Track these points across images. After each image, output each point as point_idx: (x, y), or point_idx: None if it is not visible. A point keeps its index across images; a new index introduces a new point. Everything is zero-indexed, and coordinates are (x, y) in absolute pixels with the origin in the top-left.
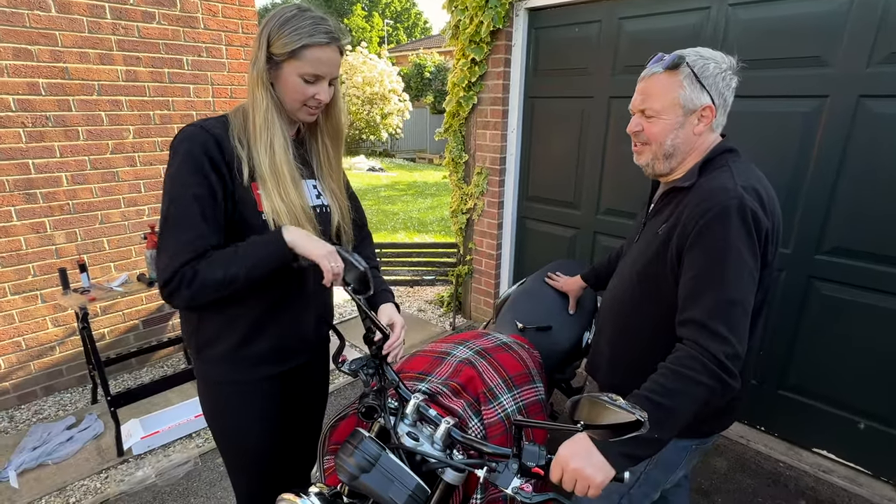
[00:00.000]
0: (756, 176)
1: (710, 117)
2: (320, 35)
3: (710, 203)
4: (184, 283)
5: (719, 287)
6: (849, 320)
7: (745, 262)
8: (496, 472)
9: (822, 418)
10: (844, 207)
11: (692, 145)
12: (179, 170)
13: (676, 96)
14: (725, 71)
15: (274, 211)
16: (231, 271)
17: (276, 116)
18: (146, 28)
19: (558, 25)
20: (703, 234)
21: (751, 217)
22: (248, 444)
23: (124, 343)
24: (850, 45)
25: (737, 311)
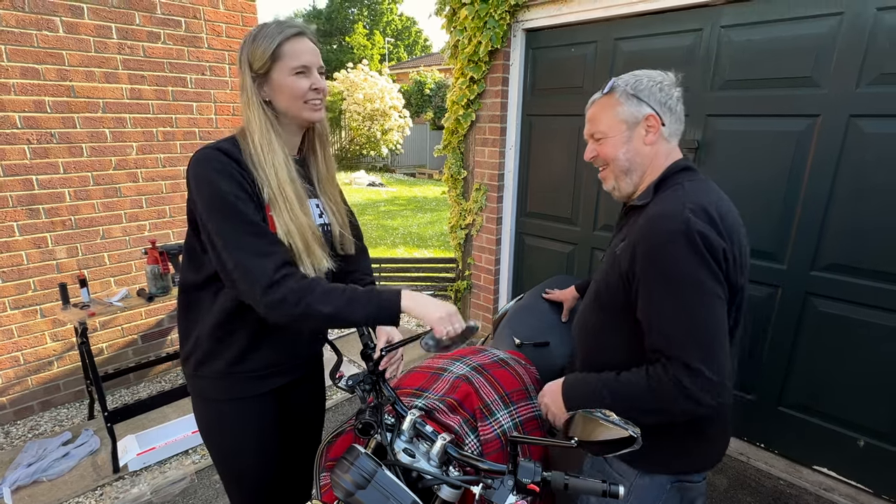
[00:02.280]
0: (710, 195)
1: (655, 126)
2: (289, 28)
3: (657, 228)
4: (291, 299)
5: (680, 317)
6: (847, 337)
7: (703, 286)
8: (492, 489)
9: (821, 435)
10: (839, 224)
11: (647, 158)
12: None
13: (616, 114)
14: (660, 83)
15: (287, 233)
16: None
17: (273, 136)
18: (151, 48)
19: (555, 46)
20: (652, 263)
21: (700, 240)
22: (243, 460)
23: (123, 358)
24: (839, 66)
25: (705, 336)
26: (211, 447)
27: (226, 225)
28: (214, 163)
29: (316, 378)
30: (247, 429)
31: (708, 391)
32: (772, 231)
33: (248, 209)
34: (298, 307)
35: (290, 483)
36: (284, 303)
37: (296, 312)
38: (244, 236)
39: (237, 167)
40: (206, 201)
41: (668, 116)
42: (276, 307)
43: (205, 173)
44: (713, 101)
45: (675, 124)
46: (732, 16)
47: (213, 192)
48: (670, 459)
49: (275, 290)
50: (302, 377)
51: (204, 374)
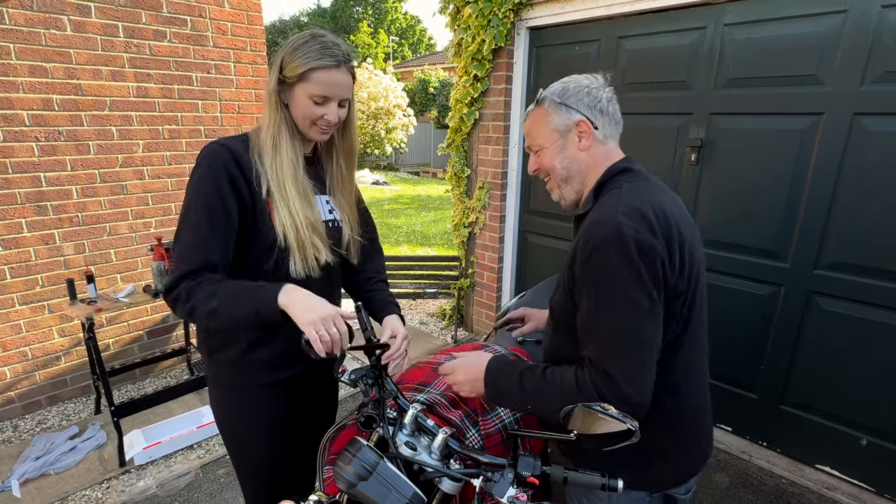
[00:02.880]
0: (647, 194)
1: (588, 131)
2: (327, 59)
3: (590, 235)
4: (181, 299)
5: (606, 324)
6: (850, 335)
7: (631, 297)
8: (492, 482)
9: (824, 434)
10: (843, 222)
11: (584, 163)
12: (198, 183)
13: (548, 124)
14: (587, 87)
15: (283, 225)
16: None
17: (284, 134)
18: (157, 46)
19: (559, 44)
20: (588, 269)
21: (632, 244)
22: (256, 447)
23: (129, 354)
24: (844, 63)
25: (625, 349)
26: (224, 433)
27: (184, 220)
28: (212, 158)
29: (327, 369)
30: (259, 416)
31: (619, 400)
32: (775, 229)
33: (210, 212)
34: (186, 305)
35: (301, 474)
36: (177, 301)
37: (185, 310)
38: (187, 237)
39: (235, 164)
40: (187, 191)
41: (599, 119)
42: (172, 306)
43: (198, 167)
44: (717, 100)
45: (610, 126)
46: (736, 14)
47: (189, 189)
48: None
49: (170, 292)
50: (314, 368)
51: (218, 360)
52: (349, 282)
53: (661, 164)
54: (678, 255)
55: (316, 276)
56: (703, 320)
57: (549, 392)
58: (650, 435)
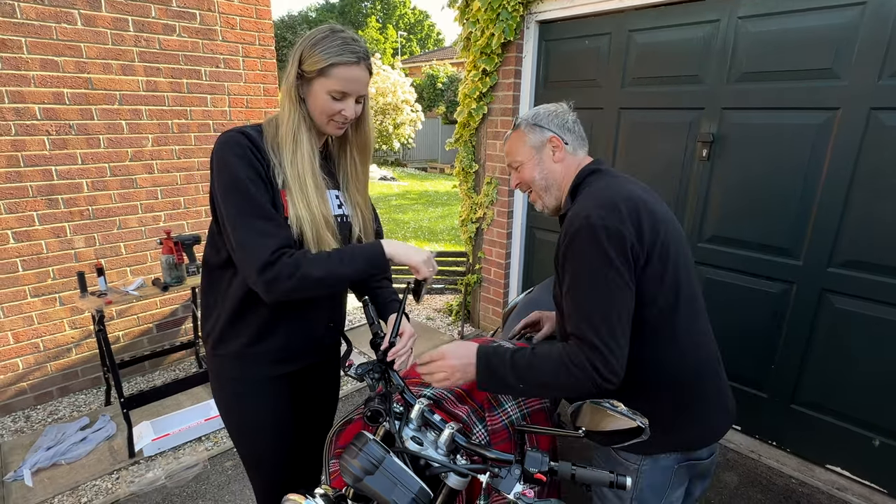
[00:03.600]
0: (615, 188)
1: (559, 145)
2: (348, 55)
3: (566, 230)
4: (284, 273)
5: (583, 302)
6: (863, 334)
7: (602, 275)
8: (499, 478)
9: (835, 434)
10: (858, 220)
11: (559, 173)
12: (233, 169)
13: (525, 143)
14: (555, 111)
15: (298, 218)
16: (334, 272)
17: (303, 128)
18: (167, 40)
19: (569, 38)
20: (566, 258)
21: (602, 232)
22: (258, 439)
23: (138, 346)
24: (861, 57)
25: (601, 320)
26: (228, 426)
27: (237, 207)
28: (235, 147)
29: (332, 365)
30: (261, 410)
31: (604, 365)
32: (787, 227)
33: (259, 193)
34: (292, 280)
35: (309, 465)
36: (278, 279)
37: (290, 286)
38: (251, 218)
39: (256, 152)
40: (223, 184)
41: (568, 136)
42: (271, 285)
43: (225, 157)
44: (729, 94)
45: (577, 141)
46: (750, 6)
47: (230, 175)
48: (664, 437)
49: (269, 269)
50: (317, 363)
51: (221, 353)
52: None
53: (672, 159)
54: (648, 230)
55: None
56: (694, 285)
57: (540, 367)
58: (661, 395)
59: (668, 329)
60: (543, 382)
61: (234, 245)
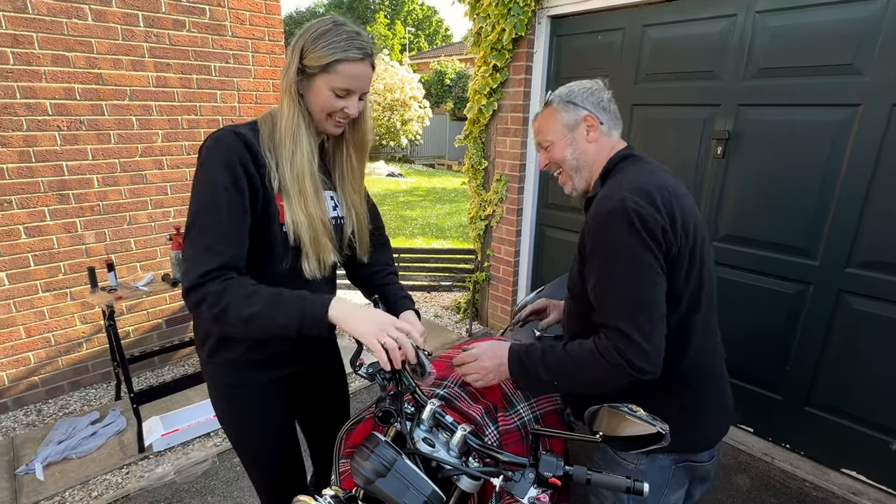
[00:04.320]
0: (647, 175)
1: (594, 125)
2: (354, 51)
3: (596, 212)
4: (207, 302)
5: (616, 289)
6: (881, 336)
7: (637, 261)
8: (512, 481)
9: (851, 437)
10: (878, 220)
11: (592, 154)
12: (210, 172)
13: (557, 122)
14: (590, 89)
15: (294, 223)
16: (261, 314)
17: (301, 127)
18: (176, 35)
19: (581, 33)
20: (595, 243)
21: (635, 217)
22: (257, 444)
23: (148, 341)
24: (884, 52)
25: (636, 308)
26: (227, 431)
27: (196, 212)
28: (224, 150)
29: (332, 363)
30: (258, 414)
31: (640, 357)
32: (804, 226)
33: (229, 203)
34: (213, 310)
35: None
36: (200, 306)
37: (210, 315)
38: (203, 230)
39: (248, 154)
40: (195, 183)
41: (603, 115)
42: (196, 309)
43: (209, 158)
44: (746, 91)
45: (612, 121)
46: (769, 0)
47: (203, 177)
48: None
49: (195, 292)
50: (318, 362)
51: (216, 360)
52: (359, 276)
53: (686, 156)
54: (680, 223)
55: (327, 275)
56: (714, 285)
57: (573, 361)
58: (671, 395)
59: (688, 329)
60: (578, 378)
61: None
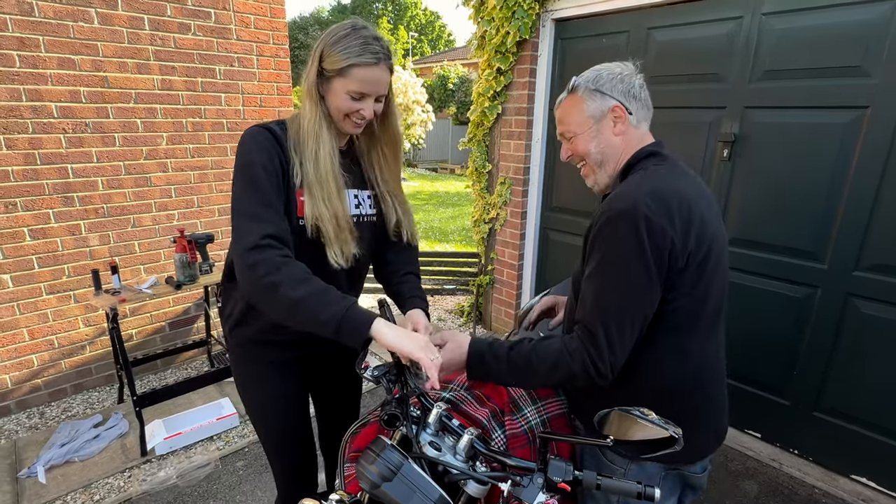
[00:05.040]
0: (669, 178)
1: (622, 116)
2: (367, 56)
3: (607, 207)
4: (263, 265)
5: (602, 292)
6: (890, 340)
7: (631, 271)
8: (521, 486)
9: (860, 443)
10: (887, 222)
11: (618, 148)
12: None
13: (583, 111)
14: (620, 74)
15: (315, 217)
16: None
17: (323, 126)
18: (182, 39)
19: (585, 36)
20: (597, 239)
21: (643, 224)
22: (271, 419)
23: (151, 344)
24: (891, 54)
25: (614, 316)
26: (247, 406)
27: (242, 189)
28: (258, 136)
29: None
30: (279, 391)
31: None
32: (812, 229)
33: (268, 181)
34: (266, 278)
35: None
36: (257, 267)
37: (263, 283)
38: (251, 203)
39: (278, 147)
40: (237, 166)
41: (633, 104)
42: (249, 269)
43: (246, 143)
44: (752, 93)
45: (642, 111)
46: (775, 2)
47: (243, 160)
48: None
49: (255, 252)
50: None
51: (238, 337)
52: (379, 274)
53: (692, 159)
54: (695, 233)
55: (347, 267)
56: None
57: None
58: (667, 404)
59: (689, 339)
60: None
61: (232, 226)
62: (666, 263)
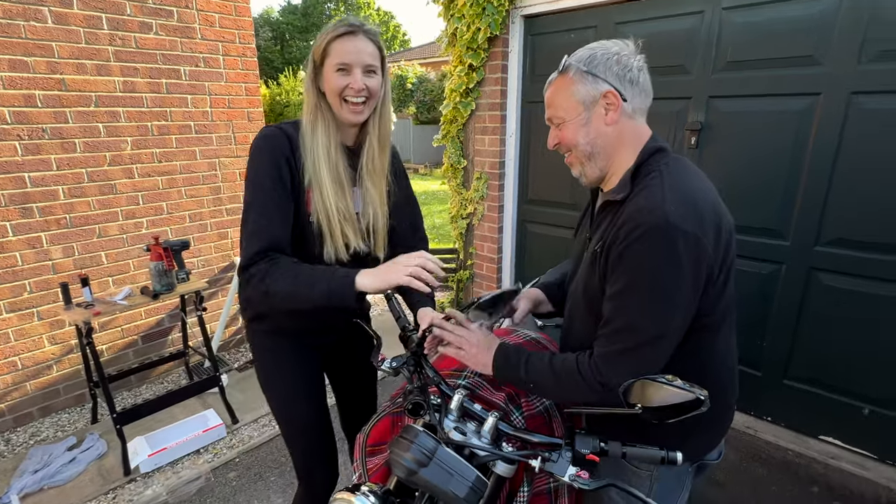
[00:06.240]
0: (691, 180)
1: (616, 103)
2: (343, 27)
3: (636, 222)
4: (255, 279)
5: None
6: (851, 309)
7: (671, 288)
8: (550, 461)
9: (827, 406)
10: (842, 200)
11: (611, 139)
12: (261, 164)
13: (571, 95)
14: (617, 54)
15: (316, 213)
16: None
17: (320, 120)
18: (143, 39)
19: (554, 32)
20: (626, 257)
21: (681, 237)
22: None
23: (124, 360)
24: (840, 44)
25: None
26: (267, 394)
27: (249, 199)
28: (269, 140)
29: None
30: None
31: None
32: (776, 209)
33: (272, 189)
34: (259, 287)
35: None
36: (251, 281)
37: (260, 290)
38: (253, 214)
39: (289, 147)
40: (247, 175)
41: (629, 90)
42: (247, 283)
43: (256, 150)
44: (715, 83)
45: (640, 98)
46: None
47: (253, 168)
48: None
49: (246, 271)
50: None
51: (256, 327)
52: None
53: None
54: (724, 239)
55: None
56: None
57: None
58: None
59: (714, 340)
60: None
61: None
62: (702, 279)
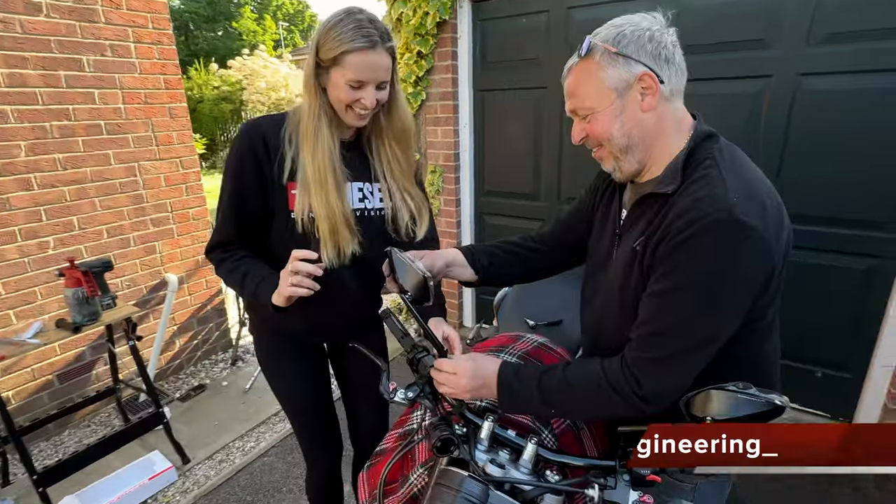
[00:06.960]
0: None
1: (654, 86)
2: (361, 40)
3: (693, 216)
4: (214, 265)
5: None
6: (804, 280)
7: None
8: (608, 488)
9: (784, 370)
10: (793, 176)
11: (650, 127)
12: (228, 163)
13: (600, 81)
14: (649, 30)
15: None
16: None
17: (324, 121)
18: (31, 22)
19: (504, 16)
20: (678, 250)
21: (748, 234)
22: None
23: (37, 405)
24: (790, 27)
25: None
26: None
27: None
28: (244, 137)
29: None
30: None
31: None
32: None
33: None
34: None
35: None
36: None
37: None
38: (219, 210)
39: (261, 144)
40: (224, 168)
41: (665, 70)
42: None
43: (231, 148)
44: None
45: (677, 77)
46: None
47: (226, 164)
48: None
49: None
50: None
51: (254, 318)
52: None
53: None
54: (784, 246)
55: (347, 264)
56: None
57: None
58: None
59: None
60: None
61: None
62: (760, 281)
